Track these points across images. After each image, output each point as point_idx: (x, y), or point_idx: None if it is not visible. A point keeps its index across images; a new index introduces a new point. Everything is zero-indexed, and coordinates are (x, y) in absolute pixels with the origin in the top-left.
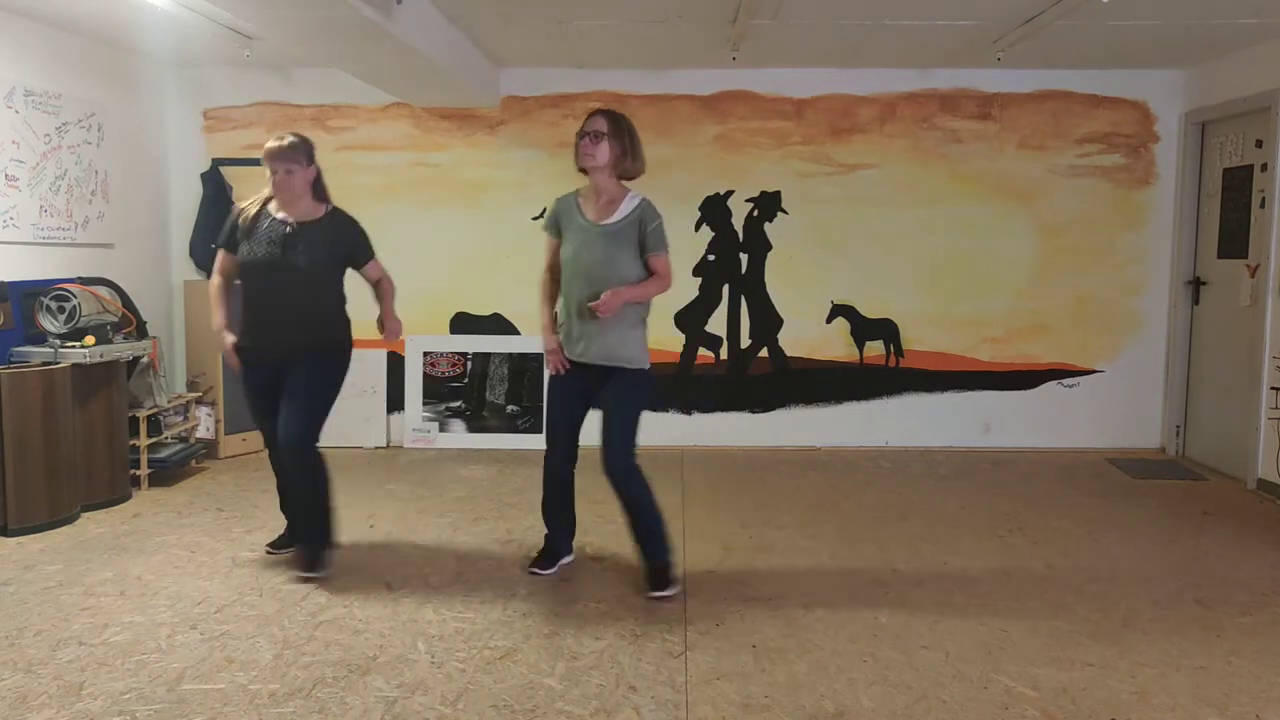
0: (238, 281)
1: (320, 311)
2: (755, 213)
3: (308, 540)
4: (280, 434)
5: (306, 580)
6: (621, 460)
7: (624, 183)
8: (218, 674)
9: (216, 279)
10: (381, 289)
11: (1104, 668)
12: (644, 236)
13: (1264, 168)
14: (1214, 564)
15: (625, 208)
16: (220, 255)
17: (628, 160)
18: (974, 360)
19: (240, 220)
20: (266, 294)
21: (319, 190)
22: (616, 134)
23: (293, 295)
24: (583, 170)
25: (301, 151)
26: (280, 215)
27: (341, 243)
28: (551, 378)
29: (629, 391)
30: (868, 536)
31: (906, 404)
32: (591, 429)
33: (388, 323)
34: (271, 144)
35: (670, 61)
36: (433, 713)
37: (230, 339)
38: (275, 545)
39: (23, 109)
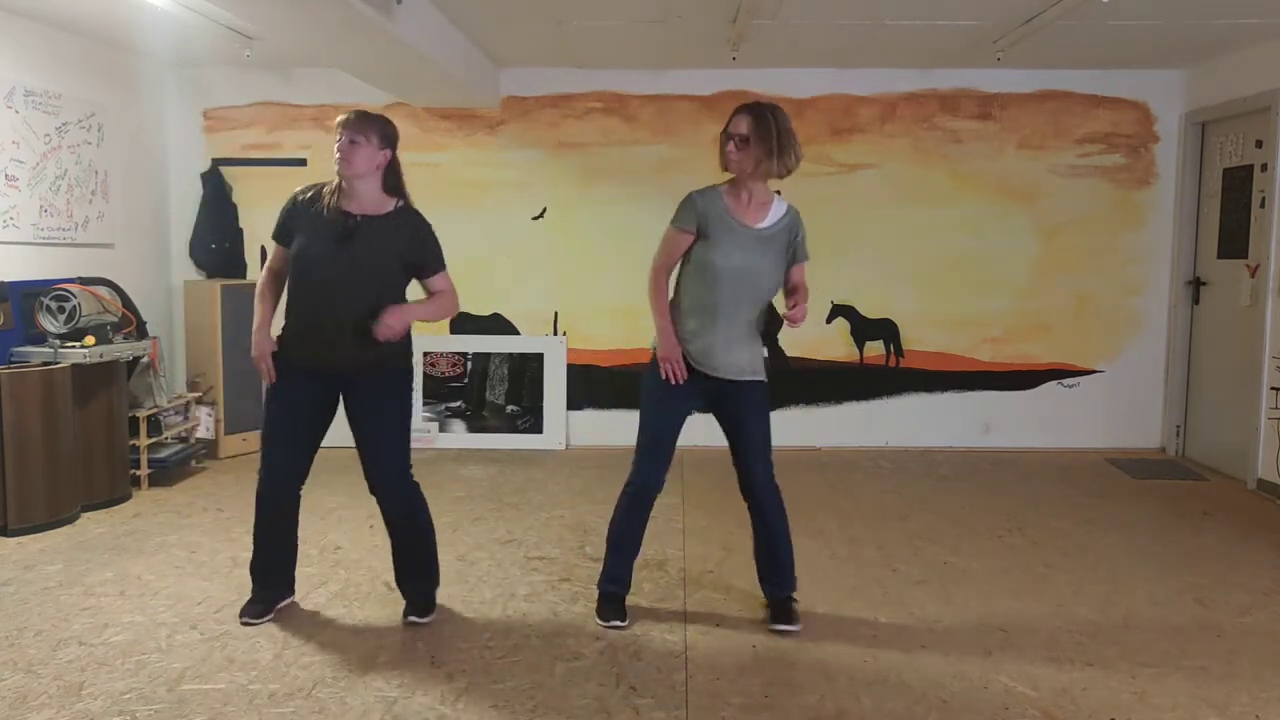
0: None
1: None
2: None
3: (420, 582)
4: (376, 475)
5: (417, 624)
6: (771, 474)
7: (769, 184)
8: (218, 674)
9: (264, 275)
10: (435, 300)
11: (1104, 668)
12: (795, 244)
13: (1264, 168)
14: (1214, 564)
15: (776, 212)
16: (272, 250)
17: (772, 161)
18: (974, 360)
19: (294, 204)
20: (320, 295)
21: (391, 183)
22: (763, 136)
23: (352, 300)
24: (725, 169)
25: (373, 126)
26: (343, 205)
27: (410, 246)
28: (659, 388)
29: (766, 403)
30: (868, 536)
31: (906, 404)
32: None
33: (396, 310)
34: (344, 114)
35: (670, 61)
36: (433, 713)
37: (268, 344)
38: (420, 613)
39: (23, 109)
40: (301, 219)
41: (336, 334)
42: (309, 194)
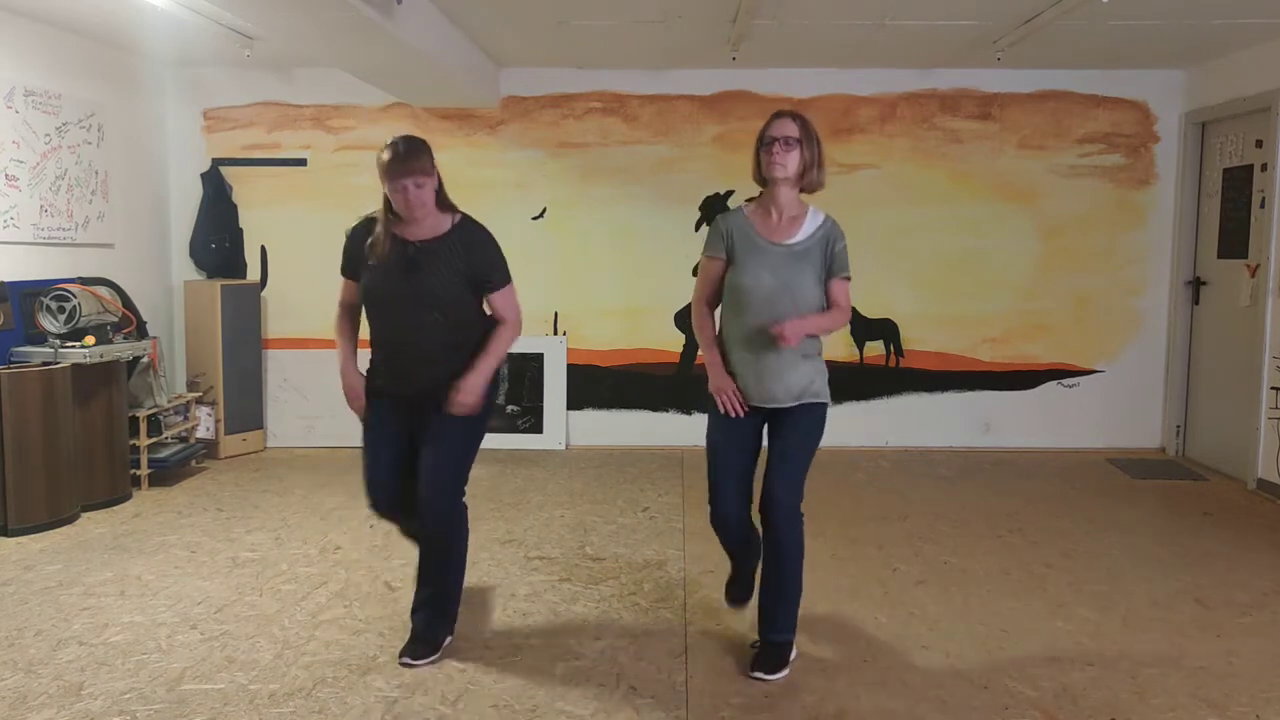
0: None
1: (459, 347)
2: None
3: (430, 618)
4: (422, 495)
5: (411, 666)
6: (795, 500)
7: (802, 197)
8: (218, 674)
9: (338, 311)
10: (496, 334)
11: (1104, 668)
12: (831, 258)
13: (1264, 168)
14: (1214, 564)
15: (810, 224)
16: (343, 285)
17: (814, 171)
18: (974, 360)
19: (351, 242)
20: (395, 329)
21: (442, 199)
22: (807, 140)
23: (426, 329)
24: (760, 181)
25: (426, 158)
26: (401, 234)
27: (470, 262)
28: (718, 421)
29: (815, 426)
30: (868, 536)
31: (906, 404)
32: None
33: (467, 380)
34: (390, 154)
35: (670, 61)
36: (433, 713)
37: (357, 381)
38: (414, 654)
39: (23, 109)
40: (361, 256)
41: (419, 360)
42: (361, 227)
